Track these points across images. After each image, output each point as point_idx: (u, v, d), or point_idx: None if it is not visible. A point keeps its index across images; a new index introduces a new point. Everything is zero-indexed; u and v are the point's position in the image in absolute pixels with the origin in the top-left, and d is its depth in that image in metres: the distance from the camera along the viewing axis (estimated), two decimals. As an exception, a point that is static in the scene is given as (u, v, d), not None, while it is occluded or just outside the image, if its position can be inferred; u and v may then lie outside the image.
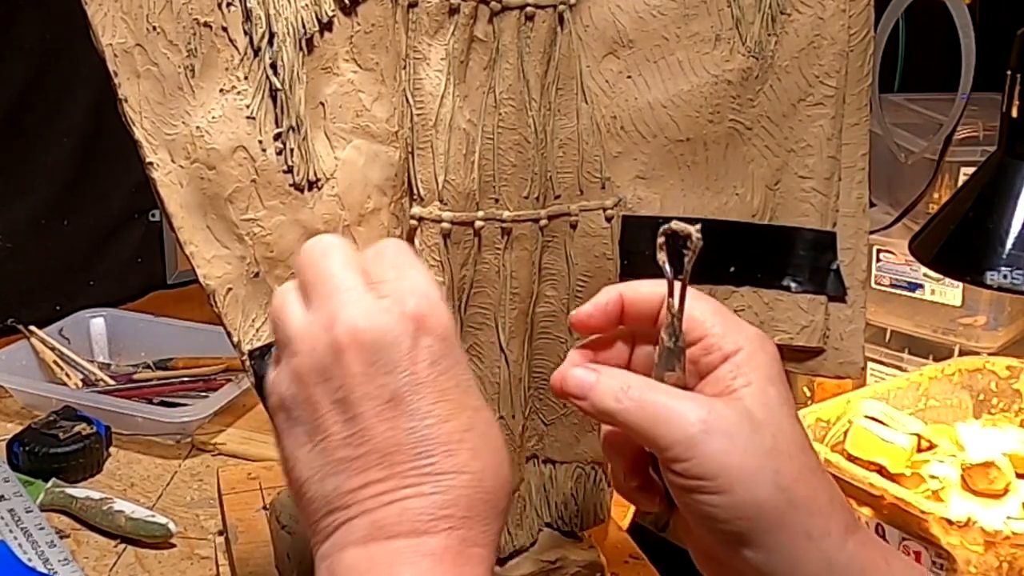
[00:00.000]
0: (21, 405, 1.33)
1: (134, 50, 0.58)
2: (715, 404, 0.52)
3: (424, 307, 0.51)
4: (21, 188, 1.58)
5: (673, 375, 0.54)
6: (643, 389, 0.53)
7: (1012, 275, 0.86)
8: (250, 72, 0.61)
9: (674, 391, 0.53)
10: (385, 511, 0.49)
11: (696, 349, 0.55)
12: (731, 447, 0.51)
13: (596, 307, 0.58)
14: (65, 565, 0.98)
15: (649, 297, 0.57)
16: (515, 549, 0.80)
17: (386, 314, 0.51)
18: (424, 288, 0.52)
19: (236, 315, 0.62)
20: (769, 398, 0.53)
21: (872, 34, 0.77)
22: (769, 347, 0.55)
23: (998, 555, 0.85)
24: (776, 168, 0.77)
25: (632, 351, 0.58)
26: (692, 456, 0.51)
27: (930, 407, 1.12)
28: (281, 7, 0.61)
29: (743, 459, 0.51)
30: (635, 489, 0.58)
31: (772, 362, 0.55)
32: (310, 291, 0.52)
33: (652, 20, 0.74)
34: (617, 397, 0.53)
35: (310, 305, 0.52)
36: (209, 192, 0.61)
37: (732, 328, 0.55)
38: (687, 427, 0.51)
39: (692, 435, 0.51)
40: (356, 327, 0.50)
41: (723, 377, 0.54)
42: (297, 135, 0.62)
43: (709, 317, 0.55)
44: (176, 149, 0.60)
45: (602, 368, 0.56)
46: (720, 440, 0.51)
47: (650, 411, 0.52)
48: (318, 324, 0.51)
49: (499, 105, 0.71)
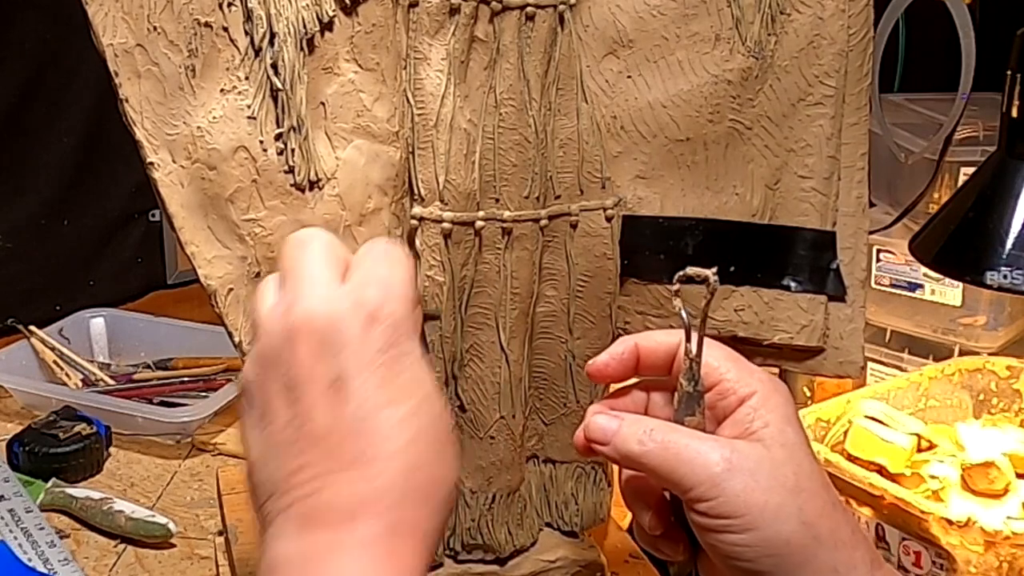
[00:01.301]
0: (21, 405, 1.33)
1: (135, 50, 0.58)
2: (737, 444, 0.54)
3: (379, 296, 0.51)
4: (21, 188, 1.58)
5: (693, 419, 0.56)
6: (666, 431, 0.54)
7: (1012, 275, 0.86)
8: (251, 72, 0.61)
9: (696, 433, 0.55)
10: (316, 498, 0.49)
11: (712, 394, 0.56)
12: (755, 485, 0.52)
13: (612, 356, 0.59)
14: (65, 565, 0.98)
15: (663, 345, 0.58)
16: (516, 549, 0.80)
17: (341, 301, 0.51)
18: (386, 279, 0.52)
19: (237, 315, 0.62)
20: (787, 437, 0.54)
21: (871, 34, 0.77)
22: (782, 389, 0.57)
23: (998, 555, 0.85)
24: (776, 168, 0.77)
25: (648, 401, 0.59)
26: (717, 495, 0.52)
27: (930, 407, 1.12)
28: (282, 7, 0.61)
29: (767, 496, 0.52)
30: (658, 538, 0.59)
31: (787, 403, 0.56)
32: (283, 280, 0.53)
33: (652, 20, 0.74)
34: (640, 440, 0.54)
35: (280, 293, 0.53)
36: (210, 192, 0.61)
37: (745, 372, 0.56)
38: (711, 467, 0.52)
39: (716, 474, 0.52)
40: (310, 311, 0.50)
41: (741, 420, 0.55)
42: (298, 135, 0.62)
43: (723, 363, 0.56)
44: (177, 149, 0.60)
45: (624, 415, 0.57)
46: (744, 478, 0.52)
47: (673, 452, 0.53)
48: (279, 309, 0.52)
49: (500, 105, 0.71)
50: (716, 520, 0.52)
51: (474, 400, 0.75)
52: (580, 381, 0.79)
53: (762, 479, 0.52)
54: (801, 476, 0.53)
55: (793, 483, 0.53)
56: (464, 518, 0.78)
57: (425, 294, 0.70)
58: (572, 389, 0.79)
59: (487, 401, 0.75)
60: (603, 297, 0.77)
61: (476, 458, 0.76)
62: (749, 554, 0.52)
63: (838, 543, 0.53)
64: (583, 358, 0.78)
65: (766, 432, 0.54)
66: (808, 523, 0.52)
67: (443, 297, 0.71)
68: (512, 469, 0.78)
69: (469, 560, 0.80)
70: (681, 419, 0.56)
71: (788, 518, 0.52)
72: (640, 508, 0.59)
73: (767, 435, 0.54)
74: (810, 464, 0.54)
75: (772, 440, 0.54)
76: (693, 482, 0.52)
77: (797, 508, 0.52)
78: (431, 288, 0.70)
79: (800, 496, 0.53)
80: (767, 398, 0.55)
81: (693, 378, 0.55)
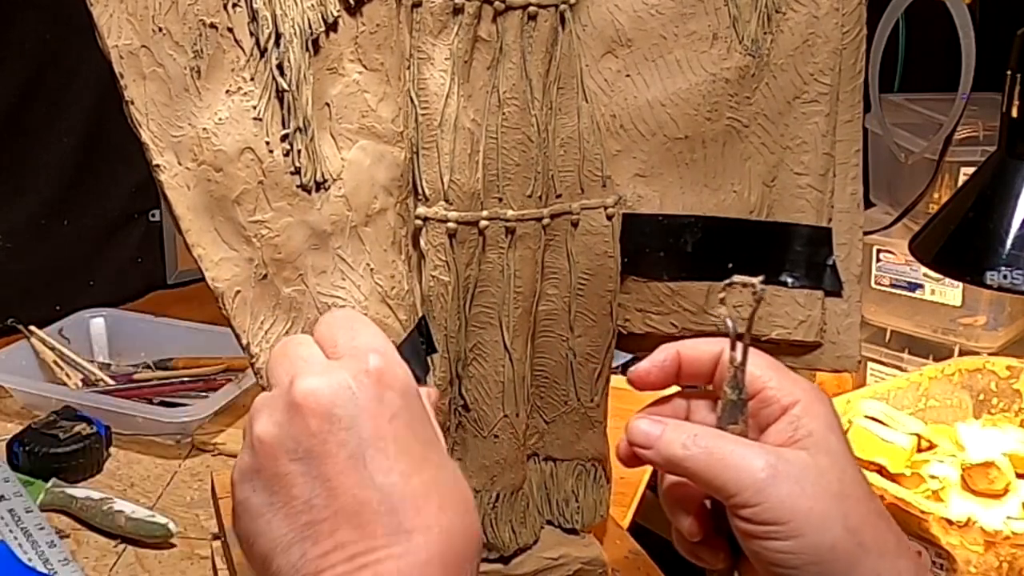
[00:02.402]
0: (21, 405, 1.34)
1: (140, 52, 0.58)
2: (782, 451, 0.54)
3: (381, 363, 0.51)
4: (21, 188, 1.59)
5: (736, 427, 0.56)
6: (710, 437, 0.54)
7: (1012, 275, 0.86)
8: (256, 73, 0.61)
9: (740, 439, 0.55)
10: None
11: (755, 403, 0.56)
12: (800, 491, 0.52)
13: (654, 364, 0.59)
14: (65, 565, 0.98)
15: (706, 353, 0.58)
16: (519, 547, 0.80)
17: (342, 371, 0.50)
18: (381, 345, 0.52)
19: (245, 317, 0.62)
20: (831, 445, 0.54)
21: (865, 32, 0.78)
22: (824, 398, 0.57)
23: (998, 555, 0.85)
24: (772, 165, 0.77)
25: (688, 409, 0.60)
26: (762, 501, 0.52)
27: (930, 407, 1.13)
28: (287, 8, 0.61)
29: (812, 503, 0.52)
30: (698, 545, 0.58)
31: (829, 412, 0.56)
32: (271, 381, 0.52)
33: (650, 19, 0.74)
34: (684, 444, 0.54)
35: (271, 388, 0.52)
36: (216, 194, 0.61)
37: (788, 381, 0.56)
38: (755, 472, 0.52)
39: (761, 480, 0.52)
40: (313, 387, 0.49)
41: (784, 429, 0.55)
42: (304, 136, 0.62)
43: (766, 371, 0.56)
44: (183, 151, 0.60)
45: (667, 420, 0.57)
46: (789, 484, 0.52)
47: (718, 457, 0.53)
48: (277, 391, 0.51)
49: (503, 104, 0.71)
50: (760, 526, 0.52)
51: (478, 399, 0.75)
52: (581, 379, 0.79)
53: (807, 485, 0.52)
54: (846, 483, 0.53)
55: (838, 490, 0.53)
56: (468, 517, 0.78)
57: (430, 294, 0.71)
58: (573, 387, 0.79)
59: (491, 400, 0.75)
60: (604, 295, 0.77)
61: (480, 457, 0.76)
62: (794, 561, 0.52)
63: (883, 551, 0.53)
64: (584, 356, 0.78)
65: (810, 440, 0.54)
66: (853, 530, 0.52)
67: (448, 297, 0.71)
68: (515, 467, 0.78)
69: (472, 559, 0.80)
70: (724, 427, 0.55)
71: (833, 524, 0.52)
72: (681, 515, 0.58)
73: (811, 443, 0.54)
74: (854, 472, 0.54)
75: (816, 448, 0.54)
76: (738, 487, 0.52)
77: (842, 515, 0.52)
78: (436, 288, 0.70)
79: (845, 503, 0.53)
80: (810, 407, 0.55)
81: (737, 386, 0.55)
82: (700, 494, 0.58)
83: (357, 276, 0.66)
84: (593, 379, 0.79)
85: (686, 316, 0.79)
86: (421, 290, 0.71)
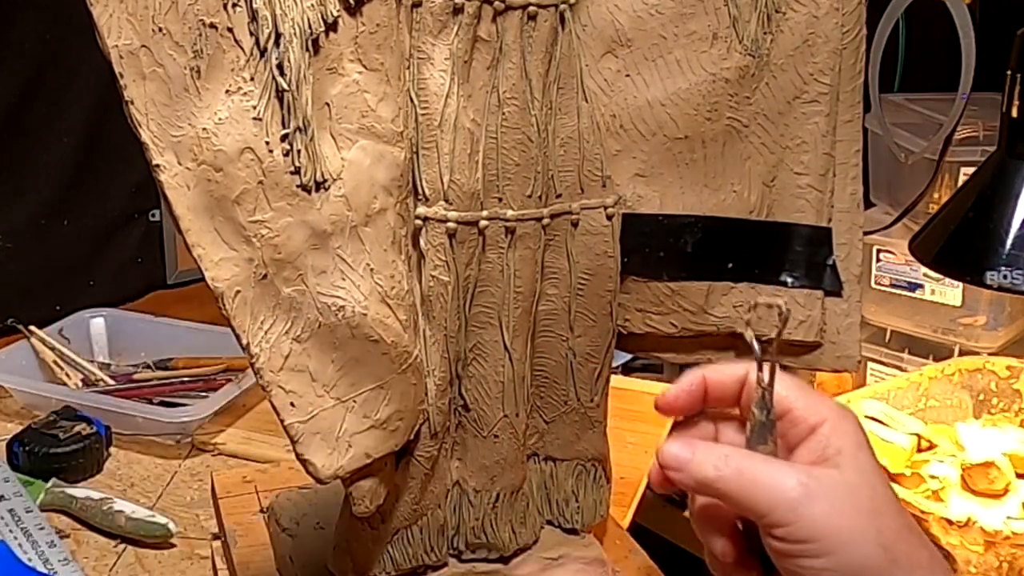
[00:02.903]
0: (21, 405, 1.34)
1: (140, 51, 0.58)
2: (812, 470, 0.54)
3: None
4: (21, 188, 1.59)
5: (766, 448, 0.56)
6: (741, 458, 0.54)
7: (1012, 275, 0.86)
8: (256, 73, 0.61)
9: (771, 459, 0.55)
10: None
11: (782, 423, 0.56)
12: (832, 509, 0.52)
13: (682, 390, 0.59)
14: (65, 565, 0.98)
15: (731, 376, 0.58)
16: (519, 547, 0.80)
17: None
18: None
19: (245, 317, 0.62)
20: (861, 462, 0.54)
21: (864, 32, 0.78)
22: (851, 416, 0.57)
23: (998, 555, 0.85)
24: (772, 165, 0.77)
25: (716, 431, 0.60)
26: (795, 519, 0.52)
27: (930, 407, 1.13)
28: (287, 7, 0.61)
29: (845, 520, 0.52)
30: (731, 566, 0.58)
31: (857, 430, 0.56)
32: None
33: (650, 19, 0.74)
34: (716, 465, 0.54)
35: None
36: (216, 194, 0.60)
37: (815, 400, 0.56)
38: (787, 491, 0.52)
39: (793, 498, 0.52)
40: None
41: (813, 448, 0.55)
42: (304, 136, 0.62)
43: (792, 391, 0.56)
44: (183, 151, 0.60)
45: (697, 442, 0.56)
46: (821, 502, 0.52)
47: (749, 478, 0.53)
48: None
49: (502, 104, 0.71)
50: (794, 545, 0.52)
51: (478, 399, 0.75)
52: (581, 379, 0.79)
53: (839, 503, 0.52)
54: (877, 500, 0.53)
55: (870, 507, 0.53)
56: (468, 517, 0.78)
57: (430, 294, 0.71)
58: (572, 387, 0.79)
59: (491, 400, 0.75)
60: (603, 295, 0.77)
61: (480, 457, 0.76)
62: None
63: (915, 566, 0.53)
64: (583, 356, 0.78)
65: (840, 458, 0.54)
66: (886, 546, 0.52)
67: (447, 297, 0.71)
68: (515, 467, 0.78)
69: (473, 559, 0.80)
70: (754, 448, 0.55)
71: (866, 541, 0.52)
72: (713, 536, 0.58)
73: (841, 461, 0.54)
74: (885, 488, 0.54)
75: (847, 465, 0.54)
76: (770, 506, 0.52)
77: (875, 531, 0.52)
78: (436, 288, 0.70)
79: (878, 519, 0.53)
80: (837, 425, 0.55)
81: (765, 407, 0.55)
82: (731, 515, 0.58)
83: (357, 276, 0.65)
84: (593, 379, 0.79)
85: (686, 316, 0.79)
86: (421, 290, 0.71)
